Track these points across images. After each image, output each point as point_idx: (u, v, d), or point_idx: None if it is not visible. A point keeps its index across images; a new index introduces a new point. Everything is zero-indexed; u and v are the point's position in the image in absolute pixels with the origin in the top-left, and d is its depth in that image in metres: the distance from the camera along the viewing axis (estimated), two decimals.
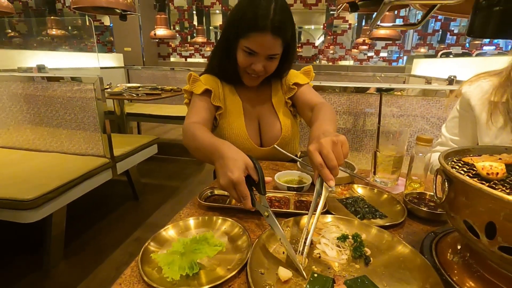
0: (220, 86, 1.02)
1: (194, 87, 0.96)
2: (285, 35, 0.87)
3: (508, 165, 0.43)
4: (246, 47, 0.86)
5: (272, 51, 0.87)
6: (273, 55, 0.89)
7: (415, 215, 0.64)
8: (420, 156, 0.73)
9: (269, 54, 0.88)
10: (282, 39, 0.86)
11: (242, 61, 0.90)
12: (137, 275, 0.45)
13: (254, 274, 0.44)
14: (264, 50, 0.86)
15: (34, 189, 1.37)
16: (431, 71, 3.09)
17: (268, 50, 0.87)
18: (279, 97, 1.08)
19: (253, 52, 0.87)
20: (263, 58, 0.89)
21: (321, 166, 0.55)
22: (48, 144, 1.87)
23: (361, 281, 0.44)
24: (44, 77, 1.78)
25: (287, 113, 1.07)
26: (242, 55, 0.89)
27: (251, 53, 0.87)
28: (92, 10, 2.47)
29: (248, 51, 0.87)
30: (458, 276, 0.43)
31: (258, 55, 0.87)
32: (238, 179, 0.56)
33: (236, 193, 0.58)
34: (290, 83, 1.03)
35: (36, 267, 1.54)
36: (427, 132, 1.48)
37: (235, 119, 1.00)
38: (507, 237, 0.34)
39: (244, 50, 0.88)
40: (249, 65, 0.90)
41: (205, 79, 1.00)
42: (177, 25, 6.18)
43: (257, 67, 0.89)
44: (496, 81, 0.87)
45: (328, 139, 0.57)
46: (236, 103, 1.02)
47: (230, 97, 1.03)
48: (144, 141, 2.17)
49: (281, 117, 1.04)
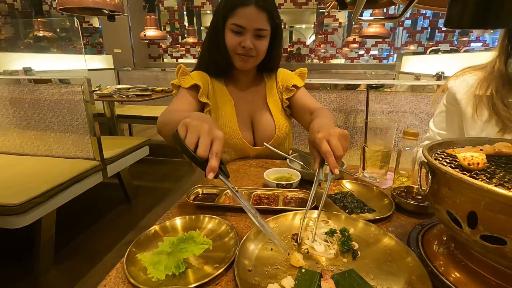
0: (210, 84, 1.01)
1: (182, 80, 0.95)
2: (270, 10, 0.90)
3: (490, 156, 0.44)
4: (233, 24, 0.89)
5: (258, 25, 0.89)
6: (260, 31, 0.91)
7: (403, 208, 0.65)
8: (407, 150, 0.74)
9: (256, 28, 0.90)
10: (267, 13, 0.90)
11: (232, 42, 0.92)
12: (123, 276, 0.45)
13: (241, 271, 0.43)
14: (251, 23, 0.88)
15: (22, 193, 1.34)
16: (420, 68, 3.14)
17: (255, 23, 0.89)
18: (274, 97, 1.08)
19: (241, 27, 0.89)
20: (251, 34, 0.90)
21: (329, 154, 0.58)
22: (36, 147, 1.84)
23: (348, 274, 0.44)
24: (31, 80, 1.75)
25: (282, 112, 1.08)
26: (231, 36, 0.91)
27: (239, 32, 0.90)
28: (78, 11, 2.43)
29: (236, 30, 0.90)
30: (444, 267, 0.43)
31: (246, 31, 0.90)
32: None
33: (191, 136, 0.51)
34: (289, 84, 1.05)
35: (26, 273, 1.51)
36: (416, 127, 1.49)
37: (227, 119, 1.00)
38: (488, 225, 0.34)
39: (232, 30, 0.91)
40: (239, 44, 0.91)
41: (194, 74, 1.00)
42: (167, 26, 6.13)
43: (246, 43, 0.90)
44: (481, 75, 0.89)
45: (338, 131, 0.61)
46: (228, 103, 1.02)
47: (221, 98, 1.02)
48: (135, 143, 2.14)
49: (276, 116, 1.04)
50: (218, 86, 1.03)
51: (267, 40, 0.95)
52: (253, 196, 0.68)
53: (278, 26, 0.96)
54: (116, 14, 2.51)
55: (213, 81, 1.03)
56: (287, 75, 1.10)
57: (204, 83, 0.98)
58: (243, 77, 1.05)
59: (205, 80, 1.00)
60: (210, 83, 1.01)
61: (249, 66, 0.97)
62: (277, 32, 0.97)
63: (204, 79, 1.00)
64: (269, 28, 0.93)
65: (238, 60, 0.95)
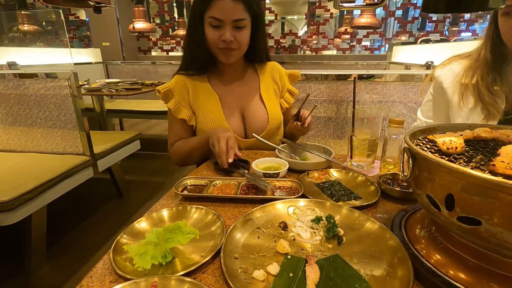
0: (191, 88, 1.01)
1: (166, 100, 1.01)
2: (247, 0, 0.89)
3: (469, 140, 0.44)
4: (211, 17, 0.88)
5: (236, 15, 0.88)
6: (239, 21, 0.89)
7: (388, 195, 0.66)
8: (393, 138, 0.74)
9: (234, 20, 0.88)
10: (243, 3, 0.88)
11: (212, 36, 0.91)
12: (109, 267, 0.45)
13: (227, 259, 0.44)
14: (228, 15, 0.87)
15: (11, 190, 1.32)
16: (410, 58, 3.15)
17: (232, 14, 0.87)
18: (269, 89, 1.08)
19: (219, 20, 0.88)
20: (230, 26, 0.89)
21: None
22: (23, 144, 1.80)
23: (333, 259, 0.45)
24: (16, 74, 1.70)
25: (276, 105, 1.08)
26: (210, 30, 0.91)
27: (217, 26, 0.89)
28: (63, 3, 2.35)
29: (214, 24, 0.89)
30: (425, 250, 0.45)
31: (224, 24, 0.88)
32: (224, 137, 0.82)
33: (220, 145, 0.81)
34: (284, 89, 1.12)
35: (17, 271, 1.50)
36: (405, 116, 1.51)
37: (213, 114, 0.99)
38: (464, 207, 0.35)
39: (211, 24, 0.90)
40: (219, 38, 0.90)
41: (174, 84, 1.01)
42: (157, 18, 5.99)
43: (226, 36, 0.89)
44: (467, 63, 0.90)
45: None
46: (212, 99, 1.01)
47: (204, 96, 1.01)
48: (126, 137, 2.12)
49: (269, 109, 1.04)
50: (200, 86, 1.02)
51: (248, 30, 0.93)
52: (241, 187, 0.68)
53: (259, 14, 0.95)
54: (102, 6, 2.44)
55: (193, 83, 1.02)
56: (281, 72, 1.12)
57: (182, 93, 1.00)
58: (229, 71, 1.05)
59: (184, 87, 1.01)
60: (189, 88, 1.01)
61: (233, 59, 0.96)
62: (258, 20, 0.95)
63: (182, 87, 1.01)
64: (249, 17, 0.91)
65: (221, 54, 0.94)
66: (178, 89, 1.00)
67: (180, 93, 1.00)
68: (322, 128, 1.63)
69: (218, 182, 0.71)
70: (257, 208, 0.57)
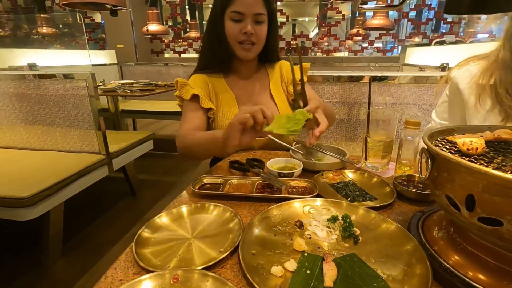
0: (210, 85, 1.02)
1: (182, 92, 0.99)
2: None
3: (489, 142, 0.44)
4: (232, 12, 0.91)
5: (257, 9, 0.92)
6: (259, 16, 0.93)
7: (404, 196, 0.66)
8: (409, 140, 0.74)
9: (255, 13, 0.92)
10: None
11: (233, 30, 0.93)
12: (132, 259, 0.46)
13: (245, 255, 0.45)
14: (250, 9, 0.91)
15: (30, 186, 1.37)
16: (425, 60, 3.10)
17: (253, 8, 0.91)
18: (279, 89, 1.09)
19: (240, 14, 0.91)
20: (251, 20, 0.92)
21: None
22: (42, 142, 1.87)
23: (350, 258, 0.45)
24: (36, 75, 1.77)
25: (285, 100, 1.09)
26: (231, 25, 0.93)
27: (238, 20, 0.92)
28: (81, 6, 2.43)
29: (235, 18, 0.92)
30: (443, 250, 0.44)
31: (245, 17, 0.92)
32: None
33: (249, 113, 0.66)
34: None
35: (34, 265, 1.55)
36: (420, 118, 1.49)
37: (229, 112, 1.01)
38: (485, 208, 0.35)
39: (232, 19, 0.93)
40: (240, 31, 0.93)
41: (193, 81, 1.01)
42: (169, 20, 6.09)
43: (247, 29, 0.92)
44: (484, 64, 0.88)
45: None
46: (229, 97, 1.03)
47: (222, 94, 1.03)
48: (139, 137, 2.16)
49: (281, 108, 1.05)
50: (218, 84, 1.04)
51: (266, 25, 0.97)
52: (256, 186, 0.69)
53: (273, 11, 0.99)
54: (118, 8, 2.51)
55: (212, 81, 1.04)
56: (289, 66, 1.11)
57: (204, 87, 1.00)
58: (244, 69, 1.06)
59: (204, 83, 1.02)
60: (209, 85, 1.02)
61: (251, 55, 0.98)
62: (273, 18, 0.99)
63: (203, 83, 1.01)
64: (266, 12, 0.95)
65: (240, 49, 0.96)
66: (199, 84, 1.01)
67: (202, 86, 1.01)
68: (334, 130, 1.63)
69: (234, 181, 0.72)
70: (273, 206, 0.58)
